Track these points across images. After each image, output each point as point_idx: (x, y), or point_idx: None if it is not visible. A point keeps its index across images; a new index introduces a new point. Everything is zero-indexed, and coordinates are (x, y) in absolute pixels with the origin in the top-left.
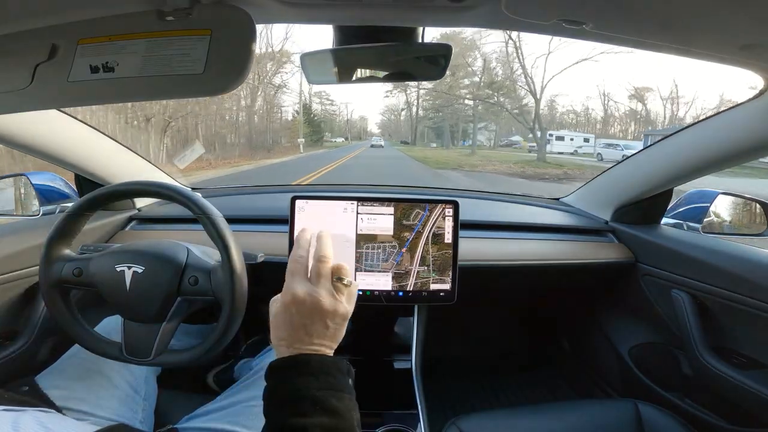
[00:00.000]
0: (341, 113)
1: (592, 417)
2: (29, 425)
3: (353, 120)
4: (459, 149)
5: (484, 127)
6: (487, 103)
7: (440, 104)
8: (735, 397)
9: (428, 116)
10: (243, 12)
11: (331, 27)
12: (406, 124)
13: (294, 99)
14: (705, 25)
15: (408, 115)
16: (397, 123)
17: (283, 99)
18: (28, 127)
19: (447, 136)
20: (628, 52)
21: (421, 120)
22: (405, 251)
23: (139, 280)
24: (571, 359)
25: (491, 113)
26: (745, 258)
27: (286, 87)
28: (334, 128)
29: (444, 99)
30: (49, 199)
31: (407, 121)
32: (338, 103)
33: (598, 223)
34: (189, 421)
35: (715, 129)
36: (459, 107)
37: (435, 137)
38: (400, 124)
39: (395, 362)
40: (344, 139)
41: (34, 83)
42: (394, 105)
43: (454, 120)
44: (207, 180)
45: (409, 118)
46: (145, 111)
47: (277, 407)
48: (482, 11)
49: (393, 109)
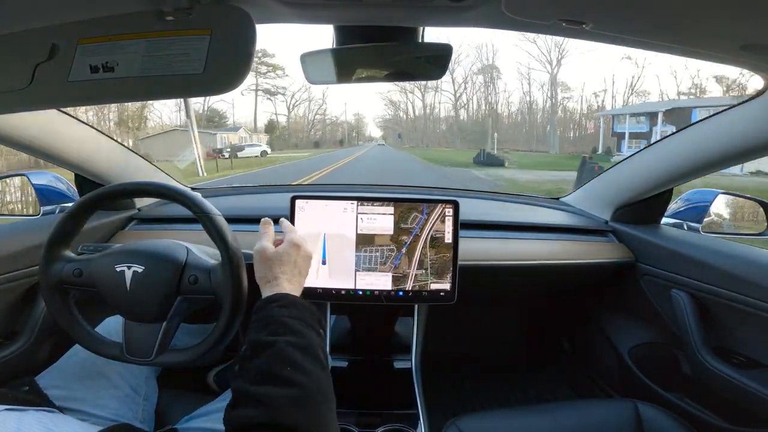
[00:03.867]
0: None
1: (592, 417)
2: (32, 425)
3: (339, 121)
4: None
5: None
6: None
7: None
8: (735, 397)
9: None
10: (243, 12)
11: (331, 27)
12: (416, 123)
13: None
14: (705, 25)
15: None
16: (404, 121)
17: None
18: (29, 127)
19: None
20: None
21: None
22: (403, 255)
23: (139, 280)
24: (571, 359)
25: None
26: (745, 258)
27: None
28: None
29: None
30: (49, 199)
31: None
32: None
33: (598, 223)
34: (189, 422)
35: (715, 129)
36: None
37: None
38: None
39: (395, 362)
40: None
41: (34, 83)
42: (400, 101)
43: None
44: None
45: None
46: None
47: (257, 330)
48: (482, 11)
49: (397, 104)
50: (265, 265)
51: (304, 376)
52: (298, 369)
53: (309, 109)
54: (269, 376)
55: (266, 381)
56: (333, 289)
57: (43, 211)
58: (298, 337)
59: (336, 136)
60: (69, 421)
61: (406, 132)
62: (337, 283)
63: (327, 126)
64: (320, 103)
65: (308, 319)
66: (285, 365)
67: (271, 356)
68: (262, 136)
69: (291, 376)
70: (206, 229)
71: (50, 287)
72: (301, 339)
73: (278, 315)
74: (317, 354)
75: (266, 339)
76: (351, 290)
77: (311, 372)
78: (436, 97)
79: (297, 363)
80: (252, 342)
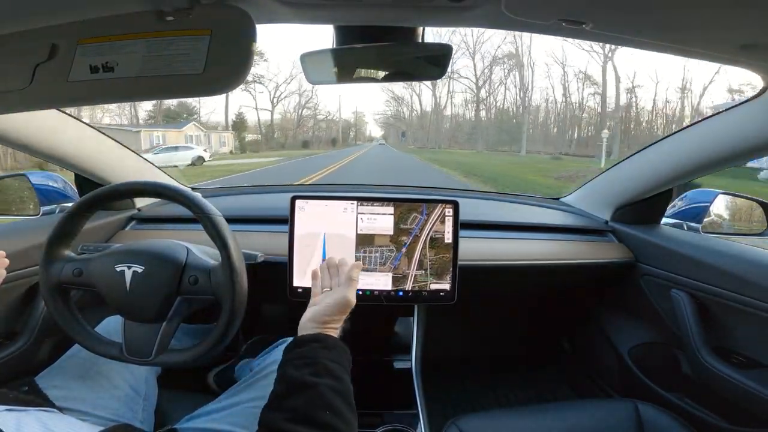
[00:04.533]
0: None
1: (592, 417)
2: (32, 425)
3: (334, 118)
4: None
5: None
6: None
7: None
8: (735, 397)
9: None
10: (243, 12)
11: (331, 27)
12: (423, 121)
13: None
14: (705, 24)
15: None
16: (408, 118)
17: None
18: (29, 127)
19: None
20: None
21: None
22: (403, 256)
23: (139, 280)
24: (571, 359)
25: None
26: (745, 258)
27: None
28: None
29: None
30: (49, 199)
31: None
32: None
33: (598, 223)
34: (189, 422)
35: (715, 129)
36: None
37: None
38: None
39: (395, 362)
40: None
41: (34, 83)
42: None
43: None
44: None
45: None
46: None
47: (298, 368)
48: (482, 11)
49: (400, 99)
50: (342, 315)
51: (342, 422)
52: (336, 415)
53: (299, 104)
54: (307, 418)
55: (303, 422)
56: None
57: (43, 211)
58: (338, 382)
59: (330, 134)
60: (69, 421)
61: (412, 130)
62: None
63: (319, 123)
64: (309, 96)
65: (346, 364)
66: (325, 410)
67: (311, 398)
68: (228, 135)
69: (330, 421)
70: (206, 229)
71: (50, 287)
72: (341, 385)
73: (321, 357)
74: (352, 401)
75: (308, 379)
76: None
77: (349, 420)
78: (448, 86)
79: (336, 408)
80: (291, 379)
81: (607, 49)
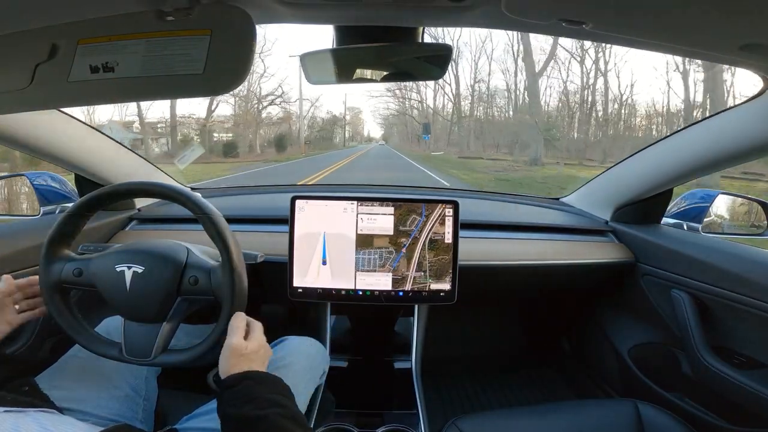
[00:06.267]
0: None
1: (592, 417)
2: (30, 427)
3: (332, 117)
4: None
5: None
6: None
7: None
8: (735, 397)
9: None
10: (243, 12)
11: (331, 27)
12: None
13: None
14: (705, 25)
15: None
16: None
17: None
18: (29, 127)
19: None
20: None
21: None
22: (402, 257)
23: (139, 280)
24: (571, 359)
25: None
26: (745, 258)
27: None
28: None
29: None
30: (49, 199)
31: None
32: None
33: (598, 223)
34: (189, 421)
35: (715, 129)
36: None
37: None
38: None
39: (395, 362)
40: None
41: (34, 83)
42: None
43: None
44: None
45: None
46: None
47: (237, 406)
48: (482, 11)
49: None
50: (241, 359)
51: None
52: None
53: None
54: None
55: None
56: (333, 289)
57: (43, 211)
58: (285, 409)
59: (324, 134)
60: (69, 422)
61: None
62: (337, 283)
63: (296, 121)
64: (276, 86)
65: (284, 391)
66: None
67: (266, 429)
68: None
69: None
70: (206, 229)
71: (50, 287)
72: (289, 411)
73: (257, 391)
74: (304, 422)
75: (255, 413)
76: (351, 290)
77: None
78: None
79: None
80: (238, 418)
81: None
